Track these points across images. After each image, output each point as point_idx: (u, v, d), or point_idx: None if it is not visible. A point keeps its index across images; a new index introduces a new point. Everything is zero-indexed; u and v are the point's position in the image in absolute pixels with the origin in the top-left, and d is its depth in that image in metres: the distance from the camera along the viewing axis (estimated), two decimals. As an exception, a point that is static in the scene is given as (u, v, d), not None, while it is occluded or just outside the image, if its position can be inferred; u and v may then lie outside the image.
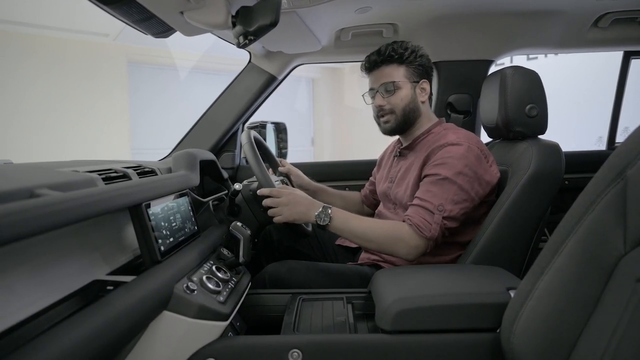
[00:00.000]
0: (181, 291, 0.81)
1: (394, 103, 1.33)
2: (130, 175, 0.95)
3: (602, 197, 0.64)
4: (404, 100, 1.32)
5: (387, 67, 1.33)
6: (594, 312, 0.63)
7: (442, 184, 1.16)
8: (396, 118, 1.34)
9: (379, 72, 1.35)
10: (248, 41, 1.08)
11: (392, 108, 1.33)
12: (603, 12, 1.60)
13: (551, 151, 1.21)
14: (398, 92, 1.32)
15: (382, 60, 1.33)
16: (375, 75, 1.36)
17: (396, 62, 1.32)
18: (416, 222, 1.13)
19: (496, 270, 1.07)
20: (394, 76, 1.32)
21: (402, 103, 1.32)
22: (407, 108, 1.33)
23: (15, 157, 1.10)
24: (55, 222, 0.52)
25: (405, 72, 1.33)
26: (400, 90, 1.32)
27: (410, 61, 1.32)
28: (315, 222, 1.18)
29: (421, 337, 0.88)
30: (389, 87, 1.32)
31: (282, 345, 0.88)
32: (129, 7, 1.03)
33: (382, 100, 1.34)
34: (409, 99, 1.33)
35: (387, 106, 1.34)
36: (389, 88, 1.32)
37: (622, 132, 2.16)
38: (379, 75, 1.34)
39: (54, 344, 0.53)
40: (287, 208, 1.19)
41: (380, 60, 1.33)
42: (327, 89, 7.78)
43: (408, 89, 1.33)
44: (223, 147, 1.95)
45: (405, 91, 1.32)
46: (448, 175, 1.15)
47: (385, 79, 1.33)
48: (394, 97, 1.33)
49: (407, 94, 1.33)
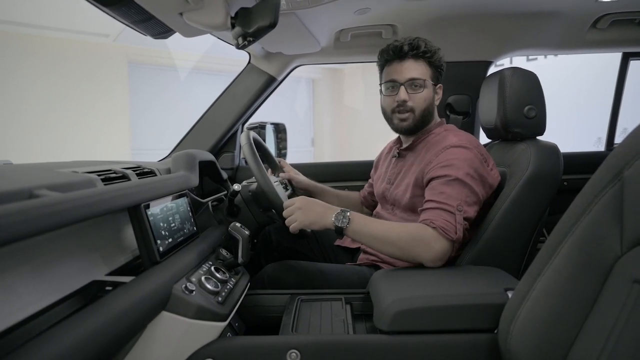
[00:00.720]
0: (180, 292, 0.81)
1: (417, 101, 1.28)
2: (130, 176, 0.95)
3: (599, 199, 0.65)
4: (426, 101, 1.28)
5: (416, 62, 1.27)
6: (590, 312, 0.63)
7: (453, 185, 1.13)
8: (414, 118, 1.29)
9: (405, 65, 1.27)
10: (247, 42, 1.08)
11: (413, 106, 1.28)
12: (602, 14, 1.60)
13: (549, 152, 1.21)
14: (423, 91, 1.27)
15: (414, 54, 1.26)
16: (400, 67, 1.28)
17: (426, 60, 1.28)
18: (440, 225, 1.07)
19: (494, 271, 1.07)
20: (422, 73, 1.27)
21: (424, 104, 1.28)
22: (426, 110, 1.29)
23: (15, 157, 1.10)
24: (55, 222, 0.52)
25: (431, 72, 1.29)
26: (425, 89, 1.28)
27: (436, 63, 1.29)
28: (334, 225, 1.12)
29: (419, 338, 0.88)
30: (418, 84, 1.27)
31: (281, 345, 0.88)
32: (128, 9, 1.03)
33: (406, 95, 1.27)
34: (430, 101, 1.30)
35: (410, 103, 1.27)
36: (417, 84, 1.27)
37: (620, 133, 2.16)
38: (406, 68, 1.27)
39: (53, 344, 0.53)
40: (302, 212, 1.14)
41: (412, 54, 1.26)
42: (327, 90, 7.79)
43: (430, 90, 1.29)
44: (222, 148, 1.95)
45: (428, 92, 1.28)
46: (458, 176, 1.13)
47: (414, 74, 1.26)
48: (418, 95, 1.27)
49: (429, 96, 1.29)
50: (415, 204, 1.25)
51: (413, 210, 1.26)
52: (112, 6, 1.01)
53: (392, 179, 1.40)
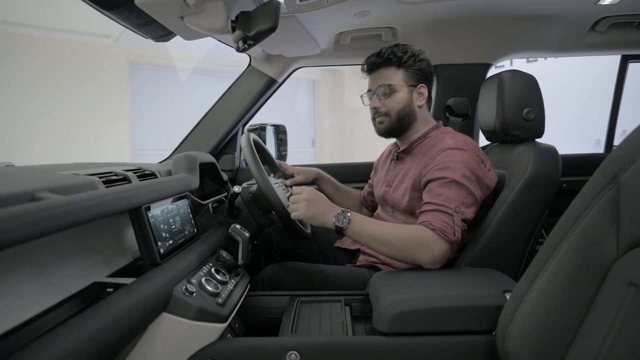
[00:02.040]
0: (180, 293, 0.81)
1: (389, 106, 1.33)
2: (130, 178, 0.96)
3: (595, 202, 0.65)
4: (399, 103, 1.33)
5: (386, 69, 1.33)
6: (587, 315, 0.63)
7: (451, 187, 1.14)
8: (390, 120, 1.34)
9: (377, 74, 1.35)
10: (247, 45, 1.08)
11: (387, 111, 1.34)
12: (600, 17, 1.61)
13: (548, 154, 1.21)
14: (394, 95, 1.33)
15: (381, 63, 1.33)
16: (373, 77, 1.37)
17: (394, 65, 1.33)
18: (439, 227, 1.08)
19: (493, 273, 1.08)
20: (391, 79, 1.33)
21: (398, 106, 1.33)
22: (402, 112, 1.33)
23: (17, 158, 1.11)
24: (57, 225, 0.53)
25: (403, 75, 1.33)
26: (396, 93, 1.32)
27: (409, 65, 1.32)
28: (334, 224, 1.14)
29: (418, 340, 0.89)
30: (385, 90, 1.32)
31: (280, 346, 0.89)
32: (129, 12, 1.03)
33: (377, 103, 1.35)
34: (405, 103, 1.33)
35: (383, 109, 1.34)
36: (385, 91, 1.32)
37: (620, 135, 2.17)
38: (377, 77, 1.35)
39: (55, 345, 0.53)
40: (306, 204, 1.16)
41: (379, 63, 1.34)
42: (328, 91, 7.80)
43: (405, 92, 1.33)
44: (223, 150, 1.96)
45: (401, 95, 1.33)
46: (455, 178, 1.14)
47: (383, 81, 1.33)
48: (389, 100, 1.33)
49: (403, 98, 1.33)
50: (414, 206, 1.26)
51: (412, 213, 1.27)
52: (113, 10, 1.01)
53: (391, 182, 1.41)
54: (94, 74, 5.01)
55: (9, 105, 4.37)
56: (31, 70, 4.50)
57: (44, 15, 4.22)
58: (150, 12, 1.04)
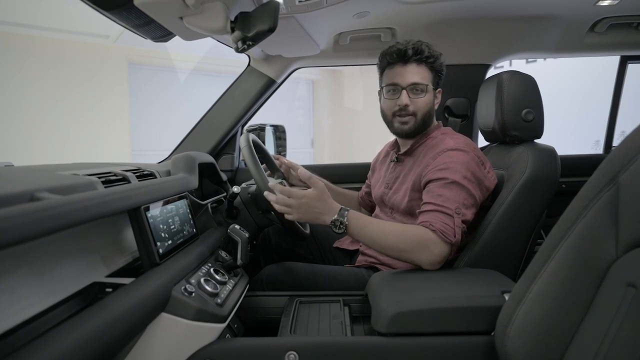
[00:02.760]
0: (179, 293, 0.81)
1: (418, 106, 1.28)
2: (130, 178, 0.96)
3: (594, 202, 0.65)
4: (427, 105, 1.29)
5: (418, 66, 1.27)
6: (586, 315, 0.63)
7: (451, 188, 1.13)
8: (416, 122, 1.29)
9: (408, 69, 1.27)
10: (247, 46, 1.08)
11: (415, 111, 1.28)
12: (599, 17, 1.61)
13: (547, 155, 1.22)
14: (425, 96, 1.28)
15: (417, 59, 1.27)
16: (403, 71, 1.28)
17: (428, 65, 1.28)
18: (439, 228, 1.07)
19: (491, 274, 1.08)
20: (425, 78, 1.28)
21: (426, 108, 1.29)
22: (427, 114, 1.30)
23: (16, 158, 1.10)
24: (56, 225, 0.53)
25: (433, 77, 1.30)
26: (426, 94, 1.28)
27: (438, 68, 1.30)
28: (330, 227, 1.12)
29: (417, 340, 0.89)
30: (420, 88, 1.27)
31: (279, 347, 0.89)
32: (128, 13, 1.03)
33: (408, 100, 1.27)
34: (431, 105, 1.30)
35: (412, 107, 1.28)
36: (420, 89, 1.27)
37: (619, 135, 2.17)
38: (409, 72, 1.27)
39: (54, 345, 0.53)
40: (296, 211, 1.12)
41: (415, 58, 1.26)
42: (327, 91, 7.80)
43: (431, 95, 1.30)
44: (222, 150, 1.96)
45: (429, 96, 1.29)
46: (456, 179, 1.14)
47: (417, 78, 1.27)
48: (420, 100, 1.28)
49: (430, 100, 1.30)
50: (413, 207, 1.25)
51: (411, 214, 1.27)
52: (113, 10, 1.01)
53: (390, 184, 1.40)
54: (94, 74, 5.01)
55: (9, 105, 4.37)
56: (31, 71, 4.50)
57: (44, 15, 4.23)
58: (149, 13, 1.04)
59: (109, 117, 5.12)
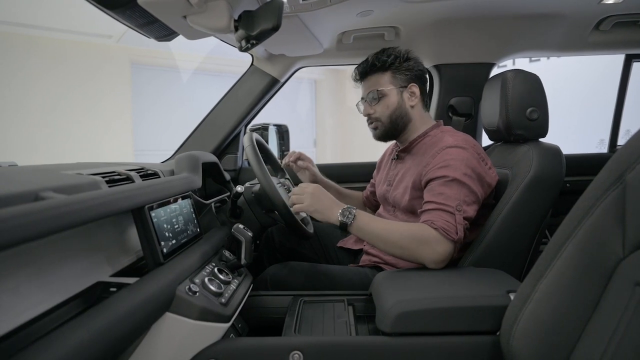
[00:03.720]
0: (183, 293, 0.81)
1: (379, 111, 1.35)
2: (134, 178, 0.96)
3: (601, 201, 0.65)
4: (390, 107, 1.33)
5: (373, 75, 1.35)
6: (592, 315, 0.63)
7: (451, 186, 1.14)
8: (383, 125, 1.36)
9: (367, 82, 1.38)
10: (250, 45, 1.08)
11: (378, 116, 1.35)
12: (604, 16, 1.60)
13: (552, 154, 1.21)
14: (384, 99, 1.33)
15: (368, 71, 1.36)
16: (364, 85, 1.39)
17: (380, 70, 1.34)
18: (441, 226, 1.08)
19: (496, 273, 1.07)
20: (379, 84, 1.34)
21: (388, 110, 1.34)
22: (394, 115, 1.34)
23: (20, 158, 1.11)
24: (60, 225, 0.53)
25: (391, 78, 1.33)
26: (386, 97, 1.33)
27: (396, 67, 1.33)
28: (338, 220, 1.14)
29: (421, 340, 0.88)
30: (374, 95, 1.34)
31: (283, 346, 0.88)
32: (132, 12, 1.03)
33: (369, 109, 1.37)
34: (396, 106, 1.33)
35: (374, 114, 1.36)
36: (374, 96, 1.34)
37: (623, 134, 2.16)
38: (367, 84, 1.37)
39: (59, 345, 0.53)
40: (311, 197, 1.17)
41: (367, 71, 1.36)
42: (330, 91, 7.79)
43: (394, 95, 1.33)
44: (225, 149, 1.96)
45: (391, 98, 1.33)
46: (456, 177, 1.14)
47: (371, 87, 1.35)
48: (379, 105, 1.34)
49: (394, 101, 1.33)
50: (414, 206, 1.25)
51: (413, 212, 1.27)
52: (116, 9, 1.01)
53: (391, 181, 1.41)
54: (96, 74, 5.02)
55: (12, 105, 4.39)
56: (33, 71, 4.52)
57: (46, 15, 4.24)
58: (153, 12, 1.04)
59: (112, 117, 5.13)
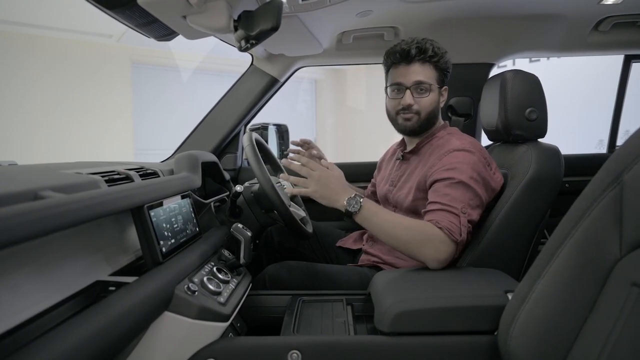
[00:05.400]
0: (182, 292, 0.82)
1: (423, 105, 1.28)
2: (133, 177, 0.96)
3: (598, 201, 0.65)
4: (432, 104, 1.29)
5: (423, 65, 1.27)
6: (590, 315, 0.63)
7: (457, 188, 1.13)
8: (419, 120, 1.30)
9: (412, 68, 1.27)
10: (250, 45, 1.08)
11: (419, 109, 1.28)
12: (603, 16, 1.60)
13: (550, 154, 1.21)
14: (429, 95, 1.28)
15: (421, 58, 1.26)
16: (407, 70, 1.27)
17: (433, 63, 1.27)
18: (446, 226, 1.07)
19: (495, 273, 1.08)
20: (428, 77, 1.27)
21: (430, 107, 1.29)
22: (432, 113, 1.30)
23: (20, 157, 1.11)
24: (59, 224, 0.53)
25: (437, 75, 1.29)
26: (431, 93, 1.28)
27: (442, 64, 1.29)
28: (345, 207, 1.11)
29: (420, 339, 0.89)
30: (424, 88, 1.27)
31: (282, 346, 0.89)
32: (132, 12, 1.03)
33: (412, 99, 1.27)
34: (435, 104, 1.30)
35: (415, 107, 1.28)
36: (423, 88, 1.27)
37: (622, 135, 2.16)
38: (413, 71, 1.27)
39: (57, 343, 0.54)
40: (315, 183, 1.13)
41: (419, 57, 1.26)
42: (330, 90, 7.79)
43: (436, 93, 1.29)
44: (225, 149, 1.96)
45: (434, 95, 1.29)
46: (462, 179, 1.13)
47: (420, 77, 1.26)
48: (424, 99, 1.28)
49: (435, 99, 1.29)
50: (418, 206, 1.25)
51: (415, 213, 1.27)
52: (116, 9, 1.02)
53: (395, 181, 1.40)
54: (97, 74, 5.03)
55: (12, 104, 4.39)
56: (34, 70, 4.52)
57: (47, 14, 4.24)
58: (153, 11, 1.04)
59: (112, 117, 5.14)
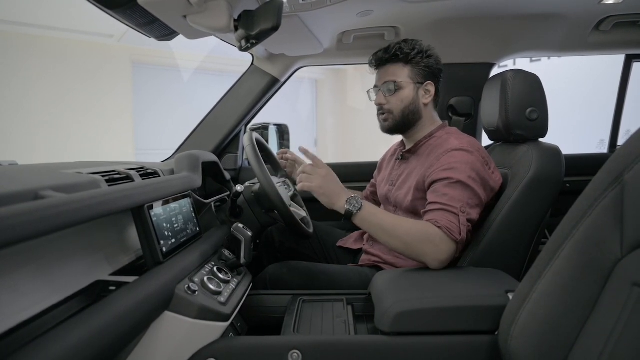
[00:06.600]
0: (183, 292, 0.82)
1: (393, 103, 1.33)
2: (133, 177, 0.96)
3: (599, 201, 0.65)
4: (404, 101, 1.32)
5: (392, 65, 1.33)
6: (590, 315, 0.63)
7: (456, 187, 1.13)
8: (394, 118, 1.34)
9: (384, 70, 1.35)
10: (250, 45, 1.08)
11: (391, 108, 1.33)
12: (604, 16, 1.60)
13: (551, 154, 1.21)
14: (399, 92, 1.32)
15: (388, 58, 1.33)
16: (380, 73, 1.37)
17: (402, 62, 1.32)
18: (445, 225, 1.08)
19: (495, 273, 1.08)
20: (397, 76, 1.32)
21: (402, 104, 1.32)
22: (407, 110, 1.33)
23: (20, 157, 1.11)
24: (60, 223, 0.53)
25: (410, 72, 1.32)
26: (402, 90, 1.32)
27: (417, 62, 1.31)
28: (345, 208, 1.13)
29: (420, 339, 0.89)
30: (391, 87, 1.32)
31: (282, 346, 0.89)
32: (132, 11, 1.03)
33: (382, 99, 1.34)
34: (410, 101, 1.32)
35: (387, 105, 1.34)
36: (391, 87, 1.32)
37: (623, 134, 2.16)
38: (384, 73, 1.35)
39: (58, 343, 0.54)
40: (321, 179, 1.15)
41: (386, 59, 1.33)
42: (331, 90, 7.79)
43: (410, 90, 1.32)
44: (225, 149, 1.96)
45: (407, 92, 1.32)
46: (461, 179, 1.14)
47: (389, 77, 1.33)
48: (394, 97, 1.32)
49: (409, 95, 1.32)
50: (417, 206, 1.25)
51: (415, 213, 1.27)
52: (117, 9, 1.02)
53: (394, 181, 1.40)
54: (97, 74, 5.03)
55: (13, 104, 4.39)
56: (34, 70, 4.52)
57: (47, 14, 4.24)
58: (153, 11, 1.04)
59: (113, 116, 5.14)
